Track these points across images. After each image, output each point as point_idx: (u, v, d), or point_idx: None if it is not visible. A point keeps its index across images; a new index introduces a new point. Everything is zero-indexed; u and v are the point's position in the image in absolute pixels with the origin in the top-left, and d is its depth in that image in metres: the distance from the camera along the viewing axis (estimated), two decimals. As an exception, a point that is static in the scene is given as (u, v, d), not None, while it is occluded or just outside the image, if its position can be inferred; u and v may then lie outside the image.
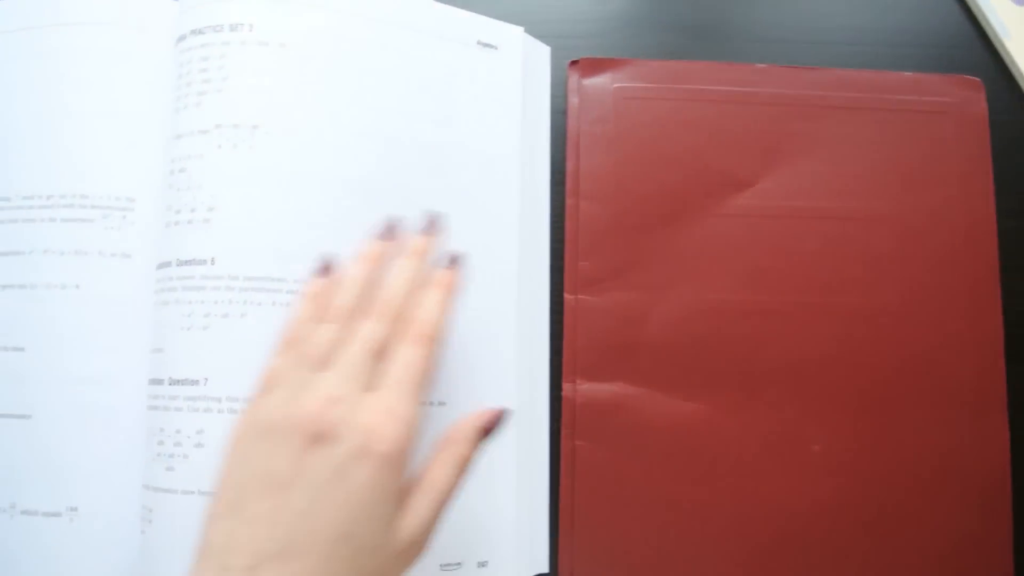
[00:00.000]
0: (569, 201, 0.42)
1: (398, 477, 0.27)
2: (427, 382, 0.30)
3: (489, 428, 0.31)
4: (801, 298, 0.41)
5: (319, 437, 0.26)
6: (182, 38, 0.36)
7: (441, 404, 0.36)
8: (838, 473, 0.39)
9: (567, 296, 0.41)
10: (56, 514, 0.34)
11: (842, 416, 0.40)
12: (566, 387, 0.40)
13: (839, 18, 0.45)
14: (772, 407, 0.40)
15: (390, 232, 0.33)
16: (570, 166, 0.42)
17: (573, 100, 0.43)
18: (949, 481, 0.39)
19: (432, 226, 0.34)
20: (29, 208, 0.36)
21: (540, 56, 0.43)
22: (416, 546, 0.28)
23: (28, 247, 0.36)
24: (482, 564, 0.36)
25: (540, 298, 0.41)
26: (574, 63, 0.43)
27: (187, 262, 0.33)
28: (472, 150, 0.39)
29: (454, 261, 0.33)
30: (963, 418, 0.40)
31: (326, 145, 0.35)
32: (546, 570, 0.38)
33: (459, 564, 0.36)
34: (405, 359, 0.29)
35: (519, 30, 0.41)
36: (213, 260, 0.33)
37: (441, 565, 0.35)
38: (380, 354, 0.29)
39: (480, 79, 0.40)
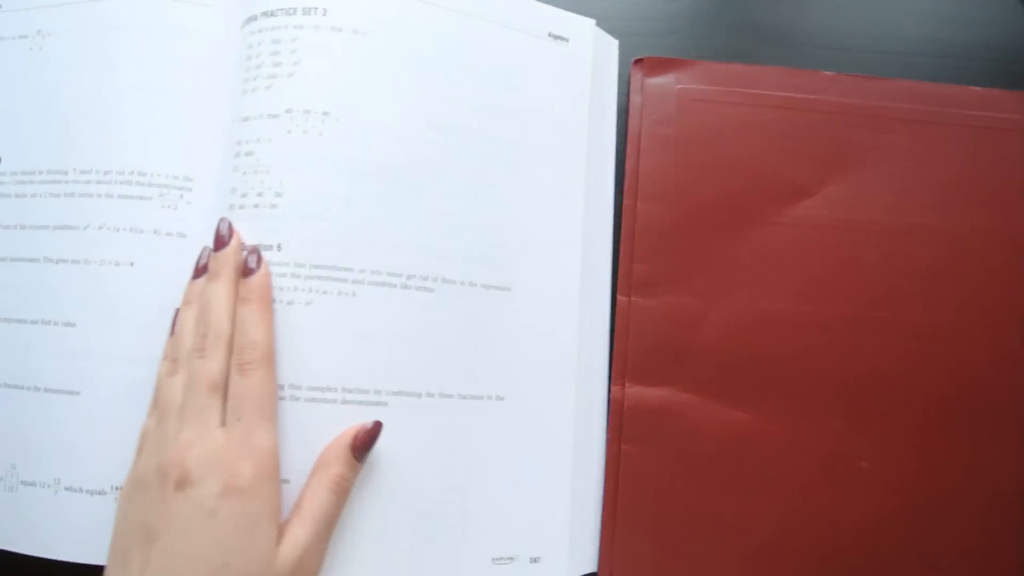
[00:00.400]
0: (627, 202, 0.41)
1: (271, 502, 0.30)
2: (271, 402, 0.31)
3: (359, 445, 0.32)
4: (857, 312, 0.40)
5: (182, 482, 0.29)
6: (252, 19, 0.35)
7: (499, 399, 0.36)
8: (886, 491, 0.39)
9: (620, 298, 0.40)
10: (101, 492, 0.33)
11: (892, 433, 0.39)
12: (614, 389, 0.39)
13: (909, 29, 0.45)
14: (822, 420, 0.39)
15: (203, 266, 0.34)
16: (629, 166, 0.41)
17: (636, 99, 0.42)
18: (998, 503, 0.39)
19: (224, 235, 0.33)
20: (86, 183, 0.35)
21: (608, 50, 0.43)
22: (303, 571, 0.30)
23: (84, 222, 0.35)
24: (534, 560, 0.36)
25: (601, 297, 0.40)
26: (638, 61, 0.42)
27: (252, 247, 0.33)
28: (539, 144, 0.39)
29: (255, 259, 0.32)
30: (1015, 440, 0.40)
31: (396, 134, 0.35)
32: (595, 569, 0.38)
33: (512, 559, 0.35)
34: (240, 391, 0.30)
35: (591, 23, 0.41)
36: (279, 246, 0.33)
37: (493, 559, 0.35)
38: (219, 387, 0.30)
39: (550, 72, 0.39)
